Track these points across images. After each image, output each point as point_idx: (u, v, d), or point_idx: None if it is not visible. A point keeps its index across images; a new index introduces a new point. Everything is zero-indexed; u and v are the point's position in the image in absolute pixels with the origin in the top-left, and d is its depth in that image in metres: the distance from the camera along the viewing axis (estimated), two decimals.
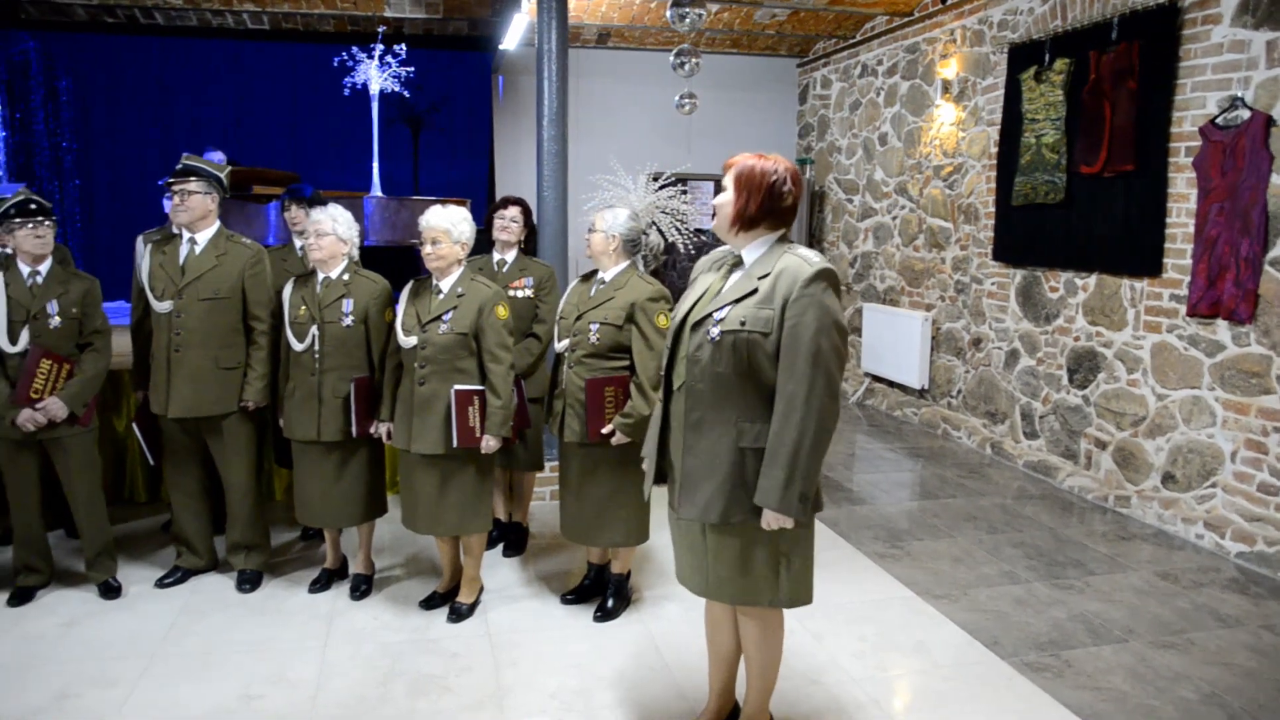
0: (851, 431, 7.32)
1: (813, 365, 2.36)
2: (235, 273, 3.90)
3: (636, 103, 9.28)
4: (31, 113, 8.49)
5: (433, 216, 3.56)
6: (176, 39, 8.63)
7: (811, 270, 2.40)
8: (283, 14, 8.15)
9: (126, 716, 3.08)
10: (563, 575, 4.26)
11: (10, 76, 8.37)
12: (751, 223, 2.51)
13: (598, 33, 8.87)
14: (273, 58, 8.81)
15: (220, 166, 3.98)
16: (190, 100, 8.77)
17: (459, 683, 3.32)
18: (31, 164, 8.47)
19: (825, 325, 2.37)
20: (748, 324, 2.43)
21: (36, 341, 3.71)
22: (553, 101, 5.04)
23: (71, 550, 4.38)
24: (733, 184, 2.52)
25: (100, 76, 8.66)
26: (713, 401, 2.50)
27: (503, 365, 3.56)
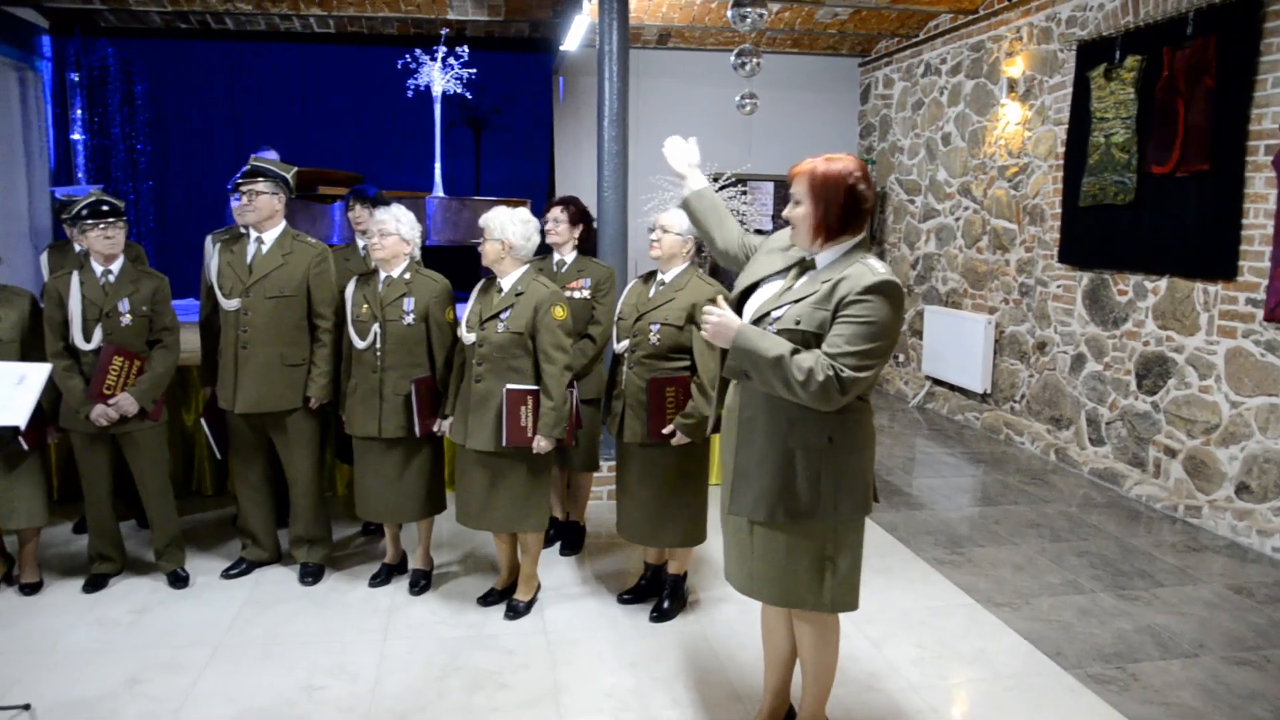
0: (911, 435, 7.22)
1: (850, 364, 2.33)
2: (300, 271, 3.98)
3: (696, 103, 9.26)
4: (109, 117, 8.75)
5: (492, 216, 3.60)
6: (246, 43, 8.84)
7: (875, 279, 2.36)
8: (348, 18, 8.29)
9: (194, 702, 3.15)
10: (619, 575, 4.27)
11: (90, 83, 8.65)
12: (835, 232, 2.47)
13: (658, 33, 8.87)
14: (338, 61, 8.98)
15: (286, 167, 4.06)
16: (258, 102, 8.98)
17: (515, 679, 3.34)
18: (108, 166, 8.74)
19: (869, 334, 2.34)
20: (802, 323, 2.42)
21: (109, 339, 3.82)
22: (614, 102, 5.05)
23: (143, 540, 4.50)
24: (808, 193, 2.46)
25: (173, 81, 8.90)
26: (765, 400, 2.49)
27: (556, 366, 3.57)
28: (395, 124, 8.74)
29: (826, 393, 2.32)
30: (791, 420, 2.47)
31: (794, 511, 2.49)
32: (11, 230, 7.91)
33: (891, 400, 8.56)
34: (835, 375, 2.31)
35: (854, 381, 2.33)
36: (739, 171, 6.11)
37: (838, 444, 2.48)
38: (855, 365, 2.33)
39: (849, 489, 2.51)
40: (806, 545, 2.53)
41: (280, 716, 3.08)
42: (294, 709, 3.13)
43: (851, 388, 2.34)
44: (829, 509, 2.49)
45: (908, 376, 8.74)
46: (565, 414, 3.61)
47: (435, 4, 7.88)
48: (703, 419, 3.49)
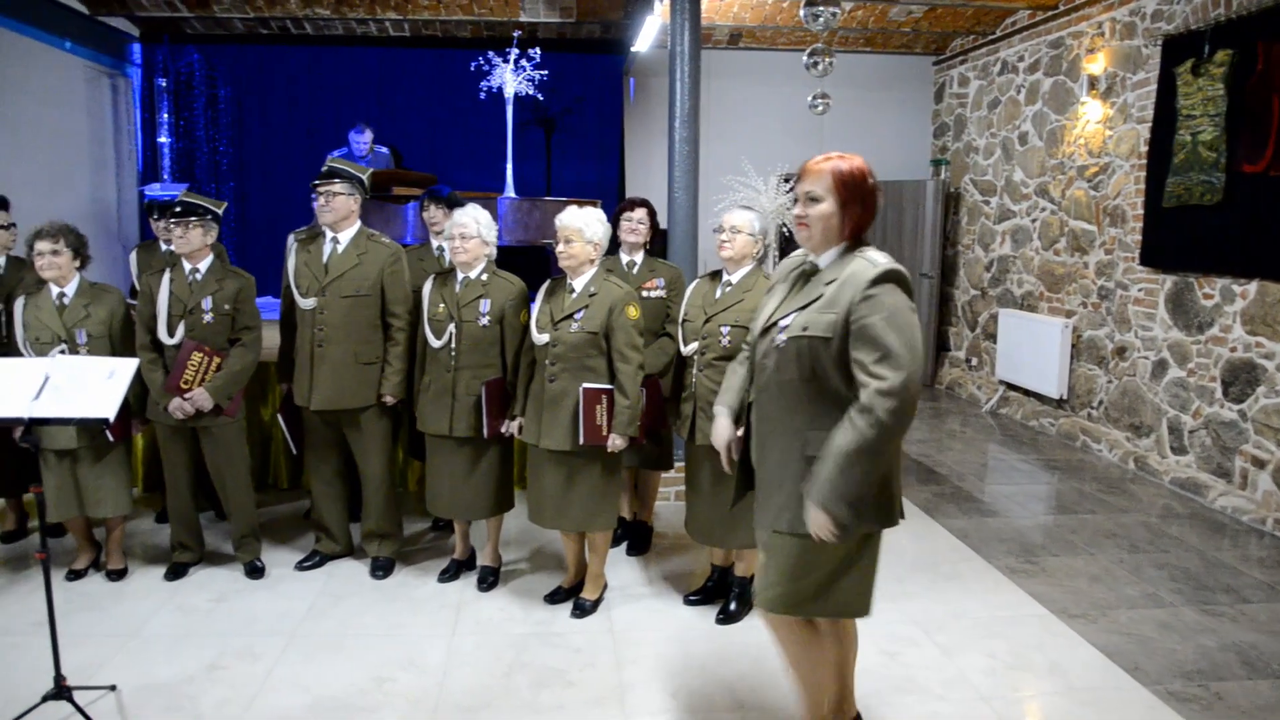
0: (984, 441, 7.08)
1: (872, 369, 2.27)
2: (375, 271, 4.05)
3: (767, 103, 9.21)
4: (194, 120, 9.03)
5: (567, 216, 3.62)
6: (324, 47, 9.04)
7: (876, 271, 2.30)
8: (423, 21, 8.43)
9: (269, 689, 3.23)
10: (685, 576, 4.26)
11: (176, 88, 8.94)
12: (858, 233, 2.42)
13: (729, 33, 8.84)
14: (413, 63, 9.12)
15: (361, 168, 4.14)
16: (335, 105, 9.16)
17: (581, 677, 3.36)
18: (192, 168, 9.02)
19: (892, 325, 2.27)
20: (810, 329, 2.36)
21: (190, 335, 3.93)
22: (685, 103, 5.04)
23: (221, 531, 4.63)
24: (834, 192, 2.38)
25: (255, 84, 9.14)
26: (780, 410, 2.46)
27: (631, 365, 3.58)
28: (467, 125, 8.84)
29: (897, 416, 2.23)
30: (808, 430, 2.41)
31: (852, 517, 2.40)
32: (102, 230, 8.21)
33: (963, 405, 8.40)
34: (885, 393, 2.23)
35: (903, 387, 2.24)
36: None
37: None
38: (894, 369, 2.24)
39: (880, 497, 2.42)
40: (821, 555, 2.45)
41: (351, 706, 3.14)
42: (365, 699, 3.19)
43: (906, 392, 2.24)
44: (855, 520, 2.36)
45: (980, 381, 8.57)
46: (639, 413, 3.62)
47: (508, 6, 7.96)
48: None
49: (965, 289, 8.93)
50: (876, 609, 3.87)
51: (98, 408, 2.94)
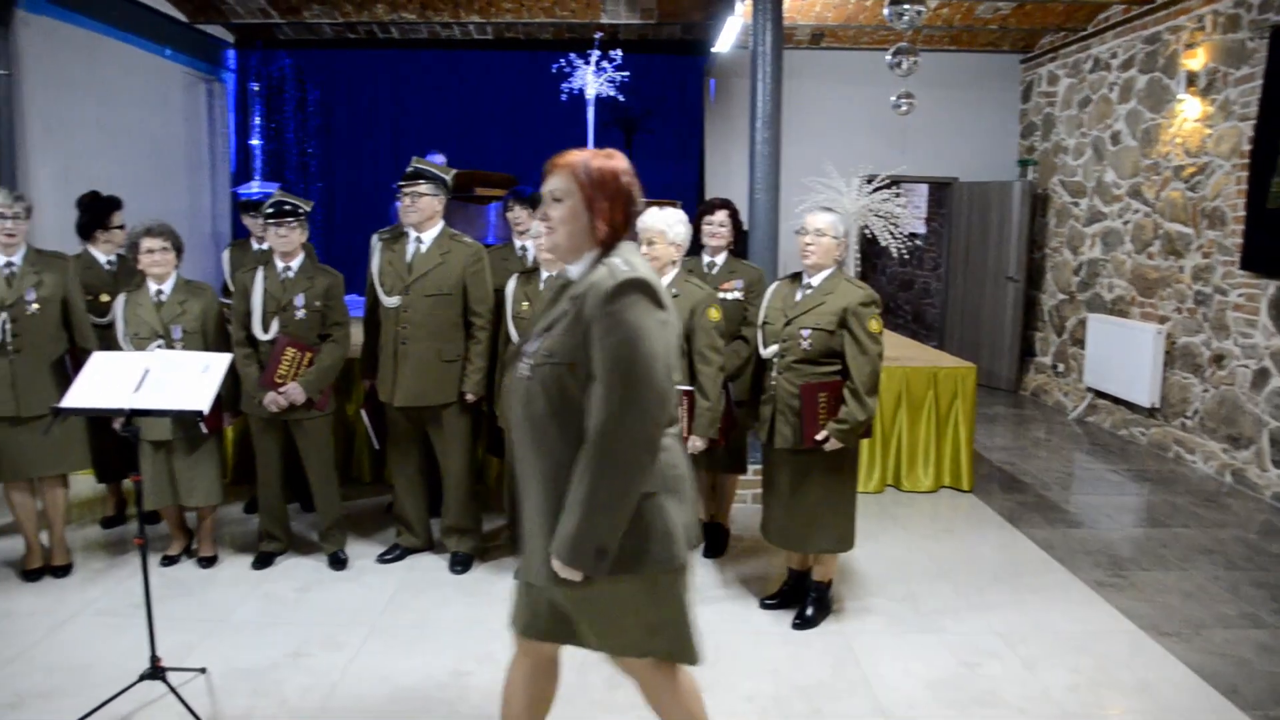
0: (1070, 449, 6.88)
1: (613, 397, 1.97)
2: (457, 270, 4.11)
3: (849, 103, 9.09)
4: (284, 123, 9.32)
5: (649, 218, 3.63)
6: (409, 51, 9.24)
7: (614, 283, 1.98)
8: (505, 24, 8.54)
9: (351, 678, 3.31)
10: (761, 579, 4.23)
11: (268, 91, 9.24)
12: (615, 238, 2.11)
13: (811, 33, 8.76)
14: (495, 66, 9.25)
15: (445, 169, 4.21)
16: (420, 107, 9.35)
17: None
18: (282, 169, 9.31)
19: (629, 350, 1.96)
20: (555, 355, 2.05)
21: (284, 331, 4.05)
22: (766, 103, 5.01)
23: (306, 523, 4.75)
24: (578, 190, 2.08)
25: (342, 88, 9.38)
26: (531, 448, 2.12)
27: (712, 367, 3.58)
28: (549, 126, 8.93)
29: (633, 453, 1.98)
30: (565, 470, 2.07)
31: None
32: (197, 229, 8.51)
33: (1049, 412, 8.18)
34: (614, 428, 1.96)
35: (636, 420, 1.97)
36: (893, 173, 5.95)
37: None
38: (624, 401, 1.95)
39: (655, 537, 2.09)
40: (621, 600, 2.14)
41: (430, 698, 3.19)
42: (443, 692, 3.24)
43: (640, 426, 1.98)
44: (626, 563, 2.07)
45: (1068, 388, 8.33)
46: (719, 414, 3.61)
47: (589, 8, 8.01)
48: (856, 424, 3.44)
49: (1052, 293, 8.69)
50: (956, 617, 3.83)
51: (193, 400, 3.05)
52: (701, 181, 9.22)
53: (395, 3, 7.90)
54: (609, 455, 1.97)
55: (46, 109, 6.39)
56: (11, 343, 3.92)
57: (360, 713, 3.10)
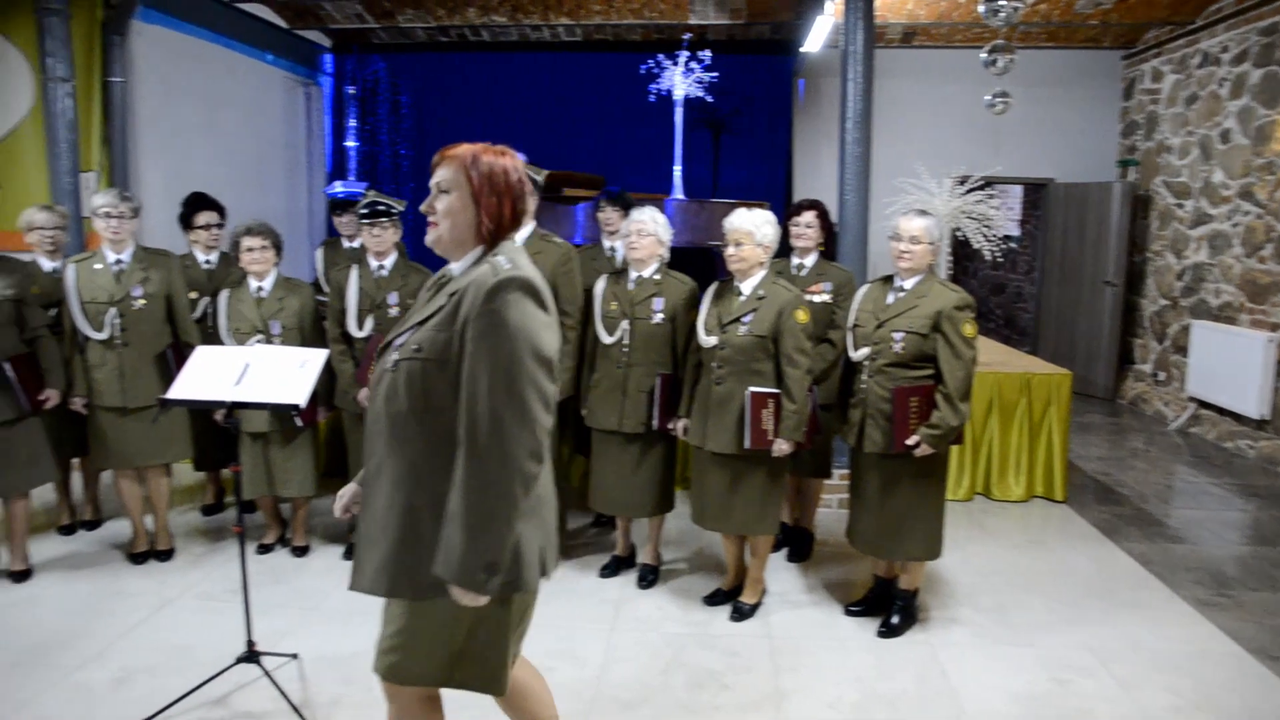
0: (1171, 461, 6.62)
1: (494, 400, 1.86)
2: (548, 270, 4.14)
3: (941, 103, 8.92)
4: (378, 124, 9.57)
5: (737, 219, 3.61)
6: (499, 53, 9.38)
7: (495, 280, 1.89)
8: (594, 25, 8.60)
9: None
10: (846, 585, 4.18)
11: (363, 94, 9.50)
12: (501, 235, 2.02)
13: (902, 31, 8.62)
14: (584, 67, 9.33)
15: (538, 169, 4.25)
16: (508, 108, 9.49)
17: (737, 681, 3.34)
18: (375, 170, 9.55)
19: (511, 351, 1.87)
20: (423, 350, 1.95)
21: (378, 329, 4.15)
22: (857, 103, 4.94)
23: None
24: (465, 183, 2.00)
25: (434, 90, 9.58)
26: (388, 447, 2.00)
27: (799, 369, 3.55)
28: (636, 127, 8.97)
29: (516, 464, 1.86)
30: (419, 472, 1.97)
31: (421, 585, 1.98)
32: (294, 228, 8.79)
33: (1148, 421, 7.89)
34: (487, 437, 1.84)
35: (525, 428, 1.86)
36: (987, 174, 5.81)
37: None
38: (509, 408, 1.85)
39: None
40: (439, 622, 2.04)
41: None
42: None
43: (531, 436, 1.87)
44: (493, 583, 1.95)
45: (1169, 396, 8.02)
46: (806, 417, 3.58)
47: (678, 9, 8.02)
48: (949, 430, 3.38)
49: (1153, 298, 8.38)
50: (1047, 631, 3.72)
51: (290, 394, 3.15)
52: (789, 182, 9.16)
53: (486, 6, 8.03)
54: (492, 463, 1.85)
55: (157, 113, 6.68)
56: (120, 337, 4.11)
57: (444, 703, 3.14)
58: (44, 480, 4.16)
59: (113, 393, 4.12)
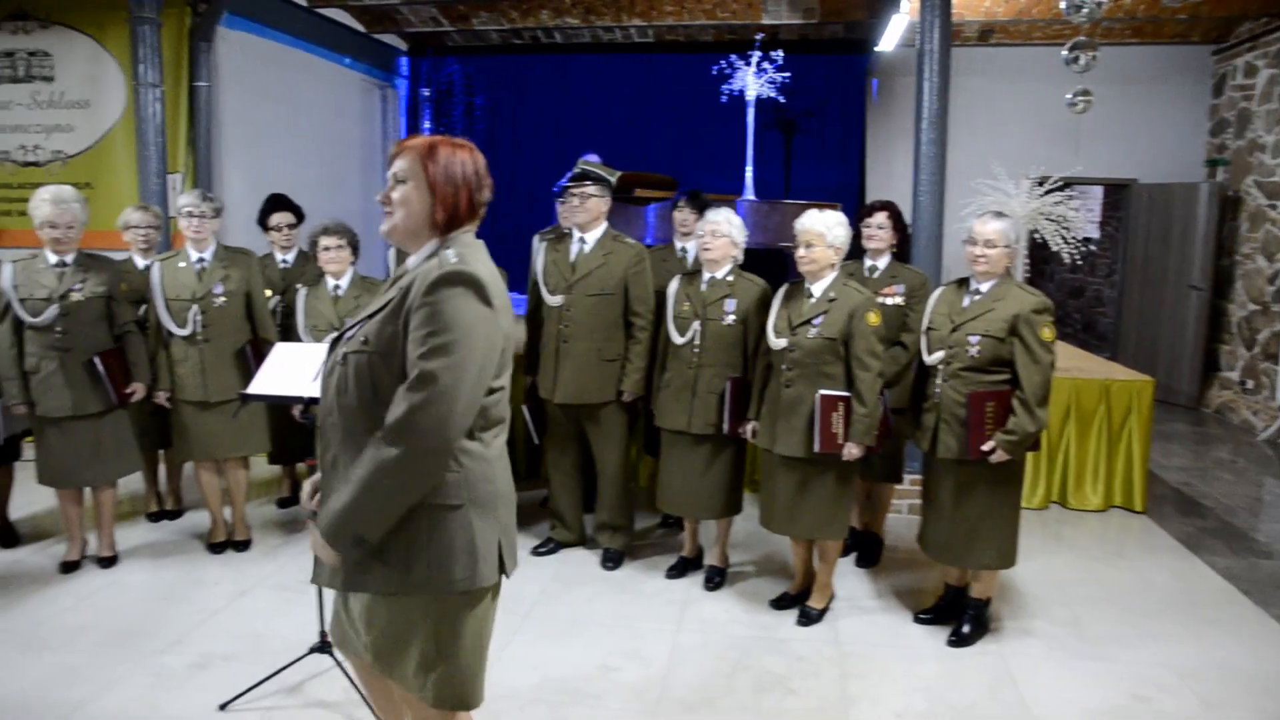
0: (1260, 473, 6.37)
1: (416, 389, 1.84)
2: (620, 270, 4.17)
3: (1018, 101, 8.72)
4: (452, 126, 9.72)
5: (808, 220, 3.58)
6: (571, 55, 9.45)
7: (439, 274, 1.87)
8: (666, 27, 8.61)
9: (504, 666, 3.40)
10: (916, 592, 4.11)
11: (437, 96, 9.66)
12: (454, 227, 2.01)
13: (979, 29, 8.46)
14: (656, 68, 9.35)
15: (611, 170, 4.28)
16: (581, 110, 9.55)
17: (804, 686, 3.31)
18: None
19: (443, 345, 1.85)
20: (370, 343, 1.94)
21: None
22: (933, 103, 4.86)
23: None
24: (421, 173, 1.98)
25: (507, 92, 9.70)
26: (341, 441, 1.99)
27: (870, 373, 3.50)
28: (708, 128, 8.95)
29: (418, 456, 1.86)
30: None
31: (387, 580, 1.97)
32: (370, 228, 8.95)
33: (1235, 431, 7.61)
34: (410, 425, 1.84)
35: (437, 425, 1.84)
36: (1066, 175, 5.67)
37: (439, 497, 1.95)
38: (427, 401, 1.83)
39: (457, 554, 1.96)
40: (416, 622, 2.00)
41: (577, 691, 3.25)
42: (590, 685, 3.29)
43: (441, 433, 1.85)
44: (424, 579, 1.95)
45: (1257, 405, 7.72)
46: (877, 421, 3.54)
47: (751, 9, 7.98)
48: (1026, 436, 3.31)
49: (1242, 303, 8.07)
50: (1124, 646, 3.61)
51: None
52: (862, 183, 9.05)
53: (559, 8, 8.10)
54: (396, 449, 1.84)
55: (240, 116, 6.88)
56: (201, 333, 4.24)
57: (510, 698, 3.18)
58: (129, 470, 4.32)
59: (194, 387, 4.25)
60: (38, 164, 6.58)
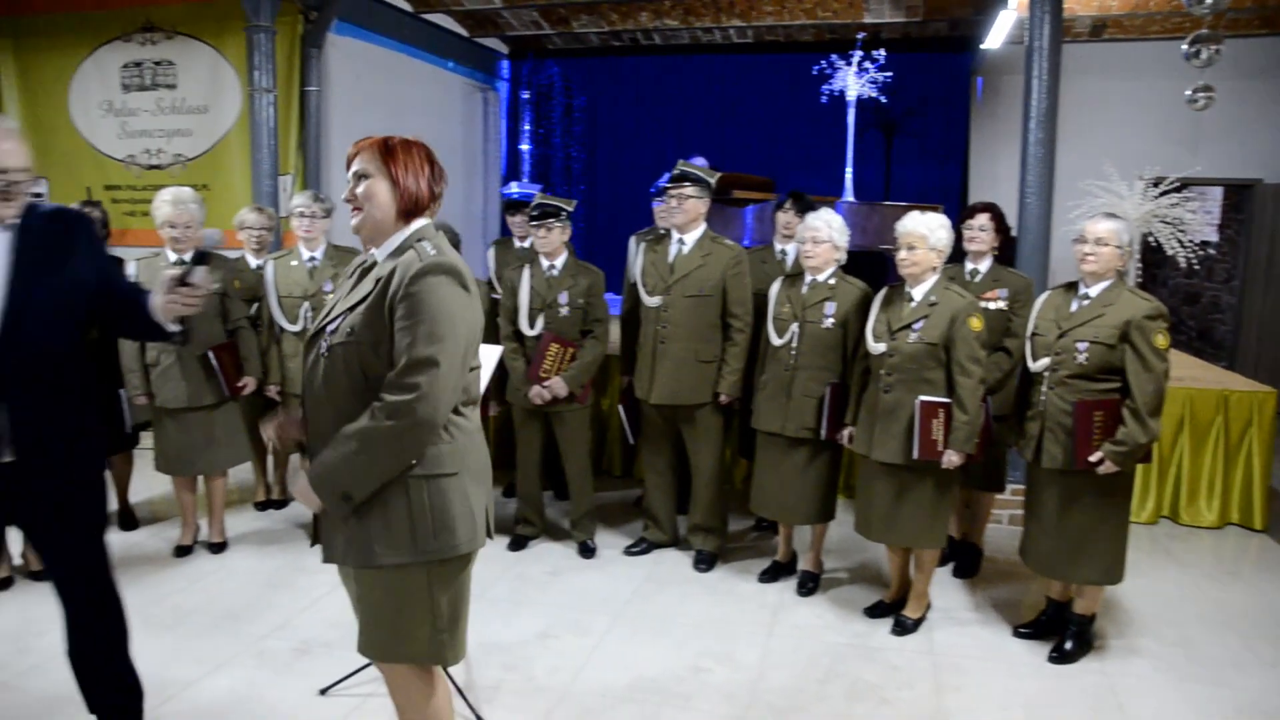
0: None
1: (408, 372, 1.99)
2: (718, 272, 4.17)
3: (1132, 99, 8.38)
4: (551, 128, 9.86)
5: (910, 222, 3.52)
6: (671, 56, 9.47)
7: (419, 265, 2.02)
8: (765, 27, 8.55)
9: (594, 664, 3.43)
10: (1015, 605, 4.00)
11: (537, 99, 9.80)
12: (415, 215, 2.16)
13: (1091, 24, 8.16)
14: (755, 69, 9.30)
15: (710, 171, 4.27)
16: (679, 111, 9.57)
17: (898, 696, 3.25)
18: (548, 172, 9.84)
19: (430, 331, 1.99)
20: (356, 333, 2.08)
21: (549, 328, 4.26)
22: (1041, 101, 4.71)
23: (559, 510, 4.98)
24: (382, 167, 2.11)
25: (606, 94, 9.78)
26: (335, 423, 2.10)
27: (972, 379, 3.42)
28: (807, 129, 8.87)
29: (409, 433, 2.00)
30: None
31: (396, 552, 2.10)
32: (470, 228, 9.16)
33: None
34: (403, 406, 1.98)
35: (428, 405, 1.99)
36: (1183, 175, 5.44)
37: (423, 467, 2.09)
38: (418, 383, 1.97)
39: (447, 520, 2.11)
40: (414, 591, 2.14)
41: (667, 691, 3.25)
42: (681, 686, 3.29)
43: (431, 412, 2.00)
44: (431, 545, 2.10)
45: None
46: (978, 428, 3.45)
47: (852, 8, 7.87)
48: (1136, 447, 3.19)
49: None
50: (1241, 672, 3.44)
51: None
52: (965, 185, 8.84)
53: (659, 10, 8.12)
54: (392, 421, 1.99)
55: (348, 120, 7.09)
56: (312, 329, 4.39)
57: (602, 696, 3.21)
58: (240, 460, 4.50)
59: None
60: (160, 167, 6.91)
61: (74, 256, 2.45)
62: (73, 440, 2.47)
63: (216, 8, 6.55)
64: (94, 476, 2.58)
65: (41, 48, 6.95)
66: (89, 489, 2.56)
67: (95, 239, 2.58)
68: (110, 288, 2.53)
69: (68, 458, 2.46)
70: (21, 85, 7.09)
